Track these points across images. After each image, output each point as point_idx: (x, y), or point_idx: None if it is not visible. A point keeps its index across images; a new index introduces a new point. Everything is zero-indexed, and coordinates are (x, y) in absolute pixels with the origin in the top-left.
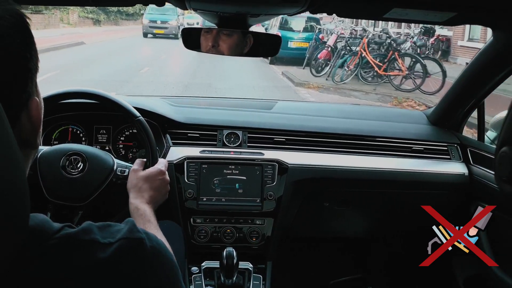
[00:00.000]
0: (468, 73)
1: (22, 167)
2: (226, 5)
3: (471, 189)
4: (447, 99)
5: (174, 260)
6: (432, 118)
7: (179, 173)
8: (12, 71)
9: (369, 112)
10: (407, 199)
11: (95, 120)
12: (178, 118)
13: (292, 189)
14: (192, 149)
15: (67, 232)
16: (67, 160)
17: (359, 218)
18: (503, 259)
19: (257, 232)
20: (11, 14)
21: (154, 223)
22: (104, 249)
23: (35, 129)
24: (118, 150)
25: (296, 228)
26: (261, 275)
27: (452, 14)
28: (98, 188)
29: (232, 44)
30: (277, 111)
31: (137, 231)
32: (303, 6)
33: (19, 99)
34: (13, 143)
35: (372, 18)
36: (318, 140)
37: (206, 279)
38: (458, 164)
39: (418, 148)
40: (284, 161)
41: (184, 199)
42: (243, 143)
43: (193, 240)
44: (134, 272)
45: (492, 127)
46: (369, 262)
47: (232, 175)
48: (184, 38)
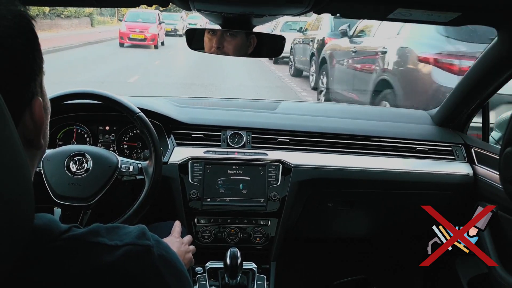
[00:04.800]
0: (472, 73)
1: (26, 166)
2: (230, 5)
3: (476, 190)
4: (451, 99)
5: (184, 270)
6: (436, 118)
7: (183, 174)
8: (15, 71)
9: (373, 112)
10: (411, 200)
11: (100, 120)
12: (182, 118)
13: (296, 190)
14: (196, 149)
15: (74, 233)
16: (72, 161)
17: (363, 218)
18: (507, 259)
19: (261, 233)
20: (14, 15)
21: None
22: (111, 252)
23: (38, 129)
24: (123, 150)
25: (300, 229)
26: (265, 276)
27: (457, 14)
28: (104, 187)
29: (236, 45)
30: (281, 112)
31: (145, 238)
32: (307, 7)
33: (22, 99)
34: (17, 143)
35: (376, 19)
36: (322, 141)
37: (210, 279)
38: (463, 165)
39: (423, 149)
40: (288, 162)
41: (188, 200)
42: (247, 143)
43: (197, 241)
44: (140, 279)
45: (497, 127)
46: (373, 263)
47: (236, 175)
48: (188, 39)
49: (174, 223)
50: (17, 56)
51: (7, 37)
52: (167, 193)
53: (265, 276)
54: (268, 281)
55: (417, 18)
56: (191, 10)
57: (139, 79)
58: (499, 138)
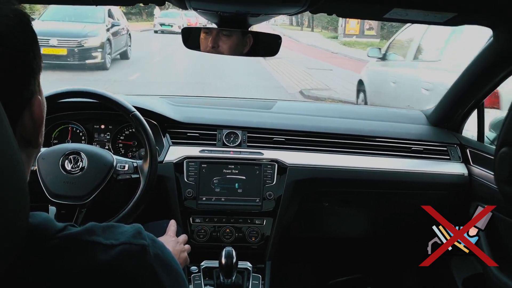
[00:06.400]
0: (467, 73)
1: (21, 165)
2: (226, 4)
3: (471, 190)
4: (446, 99)
5: (179, 269)
6: (431, 118)
7: (179, 173)
8: (15, 70)
9: (368, 112)
10: (406, 199)
11: (95, 119)
12: (177, 117)
13: (292, 189)
14: (192, 148)
15: (70, 232)
16: (67, 159)
17: (359, 218)
18: (502, 260)
19: (256, 232)
20: (14, 13)
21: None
22: (106, 250)
23: (37, 128)
24: (118, 149)
25: (295, 228)
26: (260, 275)
27: (453, 14)
28: (99, 185)
29: (232, 45)
30: (276, 111)
31: (141, 237)
32: (303, 6)
33: (21, 97)
34: (13, 142)
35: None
36: (317, 140)
37: (205, 279)
38: (458, 165)
39: (418, 148)
40: (283, 161)
41: (183, 199)
42: (243, 142)
43: (192, 240)
44: (135, 278)
45: (492, 127)
46: (369, 262)
47: (231, 174)
48: (184, 38)
49: (169, 222)
50: (19, 54)
51: (9, 36)
52: (163, 192)
53: (260, 275)
54: (263, 281)
55: (413, 18)
56: (187, 8)
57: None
58: (494, 138)
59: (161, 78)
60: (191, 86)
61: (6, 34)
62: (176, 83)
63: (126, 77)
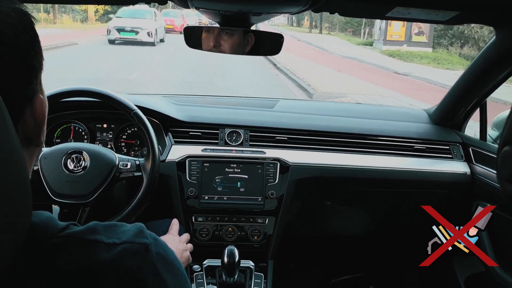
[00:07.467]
0: (470, 72)
1: (23, 164)
2: (228, 3)
3: (473, 188)
4: (449, 98)
5: (181, 268)
6: (434, 117)
7: (181, 172)
8: (17, 68)
9: (371, 110)
10: (408, 198)
11: (97, 118)
12: (180, 116)
13: (294, 188)
14: (194, 147)
15: (72, 231)
16: (69, 159)
17: (361, 217)
18: (505, 258)
19: (258, 231)
20: (15, 12)
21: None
22: (108, 249)
23: (39, 127)
24: (120, 148)
25: (297, 227)
26: (263, 274)
27: (455, 13)
28: (102, 184)
29: (233, 43)
30: (279, 110)
31: (143, 236)
32: (305, 5)
33: (23, 96)
34: (15, 140)
35: (374, 17)
36: (319, 139)
37: (208, 277)
38: (460, 163)
39: (420, 147)
40: (285, 160)
41: (185, 198)
42: (245, 141)
43: (194, 239)
44: (137, 277)
45: (494, 126)
46: (370, 261)
47: (233, 173)
48: (186, 37)
49: (172, 221)
50: (21, 53)
51: (12, 35)
52: (165, 191)
53: (262, 274)
54: (265, 279)
55: (415, 16)
56: (189, 7)
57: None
58: (496, 137)
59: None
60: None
61: (7, 33)
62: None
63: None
